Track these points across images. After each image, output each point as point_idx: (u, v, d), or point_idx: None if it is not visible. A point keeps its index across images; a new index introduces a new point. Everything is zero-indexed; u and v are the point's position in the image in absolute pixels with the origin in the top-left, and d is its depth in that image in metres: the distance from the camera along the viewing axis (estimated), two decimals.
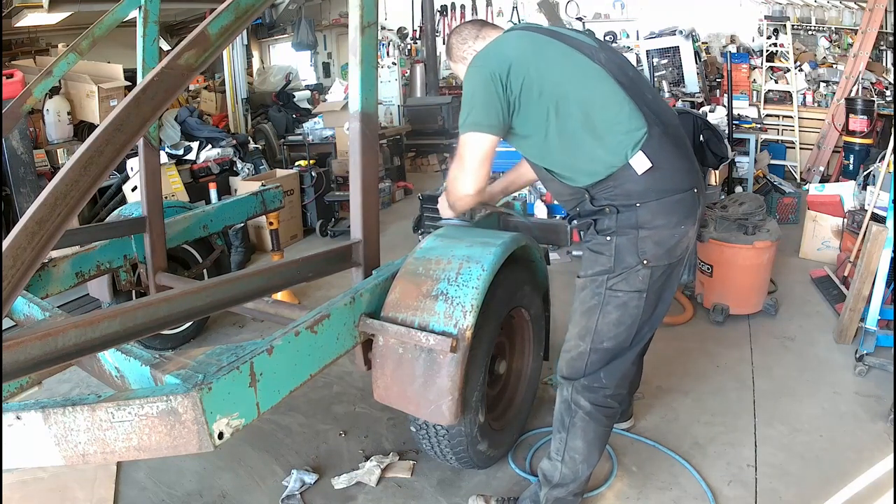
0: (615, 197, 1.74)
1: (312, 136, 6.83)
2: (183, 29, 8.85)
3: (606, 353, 1.83)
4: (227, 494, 2.29)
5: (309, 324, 1.74)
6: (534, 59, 1.75)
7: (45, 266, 2.59)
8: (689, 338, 3.34)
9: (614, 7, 7.77)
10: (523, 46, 1.79)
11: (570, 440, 1.90)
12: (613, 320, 1.80)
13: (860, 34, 6.23)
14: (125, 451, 1.42)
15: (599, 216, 1.78)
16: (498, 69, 1.73)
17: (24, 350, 1.28)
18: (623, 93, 1.74)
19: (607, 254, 1.77)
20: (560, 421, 1.93)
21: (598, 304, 1.79)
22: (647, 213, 1.72)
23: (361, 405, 2.81)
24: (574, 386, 1.88)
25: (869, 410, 2.60)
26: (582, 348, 1.84)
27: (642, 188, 1.72)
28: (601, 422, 1.89)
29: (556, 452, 1.94)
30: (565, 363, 1.90)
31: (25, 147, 4.43)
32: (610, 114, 1.73)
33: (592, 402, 1.87)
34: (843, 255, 3.91)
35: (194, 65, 1.41)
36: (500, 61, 1.74)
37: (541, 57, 1.76)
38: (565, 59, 1.77)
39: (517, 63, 1.73)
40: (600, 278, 1.79)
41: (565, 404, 1.91)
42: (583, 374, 1.86)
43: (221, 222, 3.36)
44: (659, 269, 1.77)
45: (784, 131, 6.88)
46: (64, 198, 1.20)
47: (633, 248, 1.74)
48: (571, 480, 1.94)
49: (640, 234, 1.73)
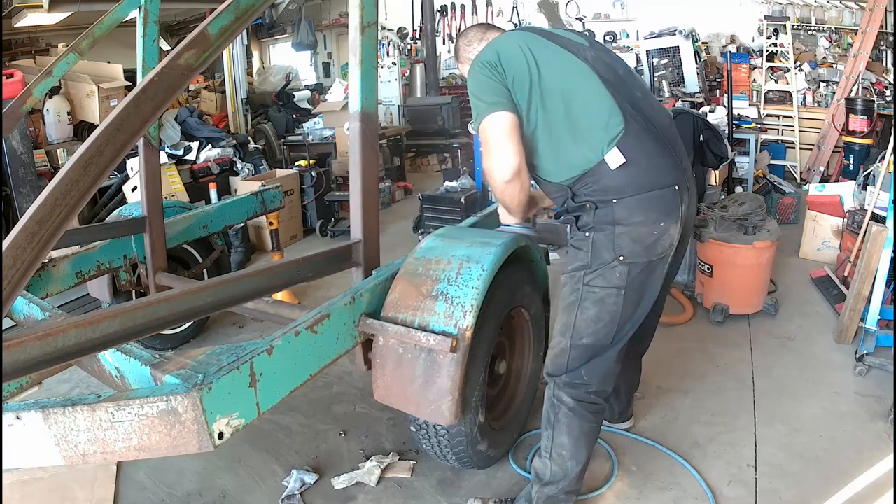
0: (594, 193, 1.77)
1: (312, 136, 6.83)
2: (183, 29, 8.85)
3: (587, 349, 1.84)
4: (227, 494, 2.29)
5: (309, 324, 1.74)
6: (522, 54, 1.82)
7: (45, 266, 2.59)
8: (689, 338, 3.34)
9: (614, 7, 7.76)
10: (513, 42, 1.88)
11: (556, 437, 1.91)
12: (591, 316, 1.82)
13: (860, 34, 6.23)
14: (125, 451, 1.42)
15: (580, 212, 1.81)
16: (491, 59, 1.83)
17: (24, 350, 1.28)
18: (605, 90, 1.78)
19: (585, 249, 1.80)
20: (546, 418, 1.95)
21: (577, 300, 1.82)
22: (623, 210, 1.74)
23: (361, 405, 2.81)
24: (556, 382, 1.90)
25: (869, 410, 2.60)
26: (563, 344, 1.87)
27: (618, 184, 1.74)
28: (586, 418, 1.90)
29: (545, 450, 1.95)
30: (549, 360, 1.94)
31: (25, 147, 4.43)
32: (590, 109, 1.78)
33: (575, 399, 1.88)
34: (843, 255, 3.91)
35: (194, 65, 1.41)
36: (492, 54, 1.85)
37: (529, 52, 1.83)
38: (552, 55, 1.84)
39: (506, 56, 1.82)
40: (578, 274, 1.82)
41: (550, 401, 1.93)
42: (565, 371, 1.87)
43: (221, 222, 3.36)
44: (637, 266, 1.78)
45: (784, 131, 6.88)
46: (64, 198, 1.20)
47: (609, 244, 1.76)
48: (561, 478, 1.94)
49: (616, 231, 1.75)
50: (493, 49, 1.86)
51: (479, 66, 1.84)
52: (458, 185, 5.24)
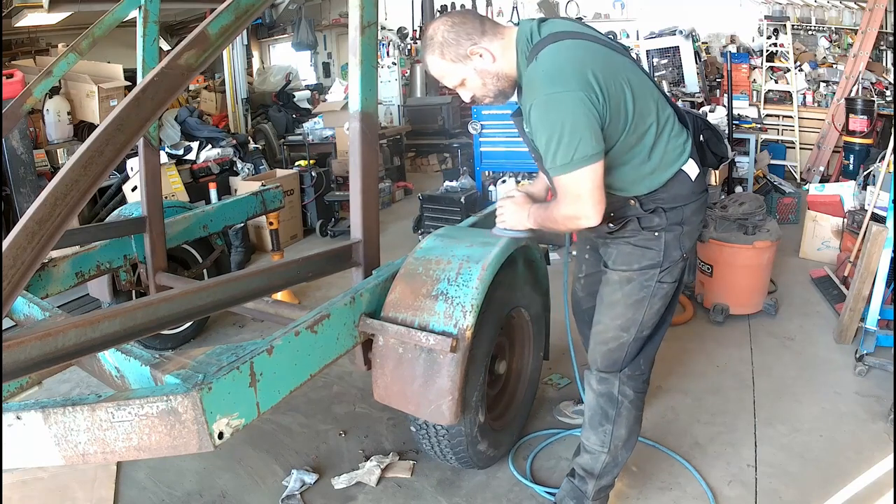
0: (665, 200, 1.78)
1: (312, 136, 6.83)
2: (183, 29, 8.84)
3: (643, 341, 1.91)
4: (227, 494, 2.29)
5: (309, 324, 1.74)
6: (615, 73, 1.61)
7: (45, 266, 2.59)
8: (689, 338, 3.34)
9: (614, 7, 7.76)
10: (593, 55, 1.61)
11: (616, 430, 1.94)
12: (657, 310, 1.87)
13: (860, 34, 6.23)
14: (125, 450, 1.42)
15: (644, 215, 1.79)
16: (587, 87, 1.54)
17: (24, 350, 1.28)
18: (664, 98, 1.78)
19: (656, 248, 1.80)
20: (602, 414, 1.95)
21: (647, 296, 1.83)
22: (689, 212, 1.81)
23: (361, 405, 2.81)
24: (619, 378, 1.93)
25: (869, 410, 2.60)
26: (624, 339, 1.88)
27: (688, 191, 1.79)
28: (640, 406, 1.98)
29: (602, 445, 1.96)
30: (602, 356, 1.93)
31: (25, 147, 4.43)
32: (666, 123, 1.74)
33: (635, 390, 1.94)
34: (843, 255, 3.91)
35: (194, 65, 1.41)
36: (585, 77, 1.54)
37: (611, 66, 1.62)
38: (629, 71, 1.67)
39: (605, 78, 1.57)
40: (651, 272, 1.82)
41: (606, 397, 1.94)
42: (621, 365, 1.92)
43: (221, 222, 3.36)
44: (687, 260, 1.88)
45: (784, 131, 6.88)
46: (64, 198, 1.20)
47: (677, 244, 1.81)
48: (614, 466, 1.99)
49: (683, 230, 1.81)
50: (586, 71, 1.55)
51: (579, 98, 1.52)
52: (458, 185, 5.24)
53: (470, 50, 1.68)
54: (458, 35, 1.68)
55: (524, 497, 2.21)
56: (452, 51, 1.69)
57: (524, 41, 1.68)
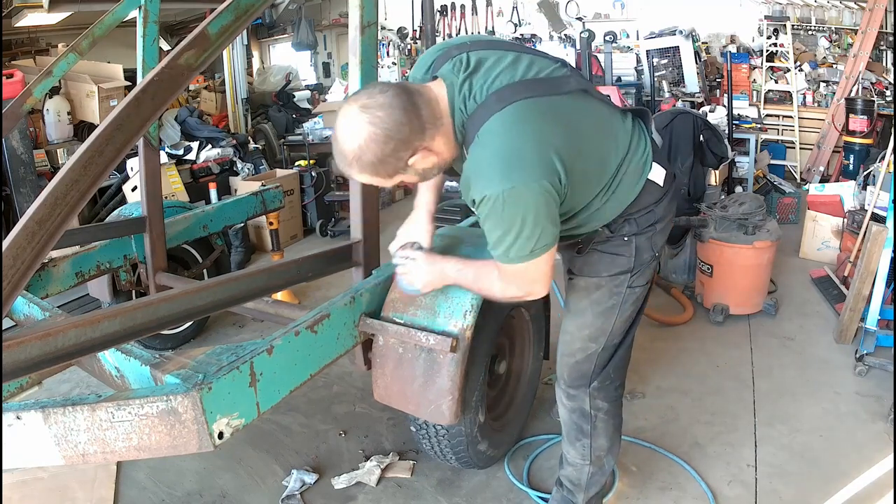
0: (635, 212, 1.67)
1: (312, 136, 6.82)
2: (183, 29, 8.83)
3: (612, 349, 1.81)
4: (227, 494, 2.29)
5: (309, 324, 1.74)
6: (573, 136, 1.46)
7: (45, 266, 2.59)
8: (689, 338, 3.34)
9: (614, 7, 7.75)
10: (552, 124, 1.42)
11: (594, 442, 1.90)
12: (627, 316, 1.77)
13: (860, 34, 6.22)
14: (125, 450, 1.42)
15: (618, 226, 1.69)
16: (551, 173, 1.37)
17: (24, 350, 1.28)
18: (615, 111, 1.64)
19: (626, 255, 1.70)
20: (577, 429, 1.90)
21: (617, 303, 1.73)
22: (661, 210, 1.70)
23: (361, 405, 2.81)
24: (589, 392, 1.84)
25: (869, 410, 2.60)
26: (592, 350, 1.79)
27: (659, 194, 1.69)
28: (617, 415, 1.92)
29: (582, 458, 1.93)
30: (568, 369, 1.84)
31: (25, 147, 4.42)
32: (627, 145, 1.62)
33: (607, 400, 1.87)
34: (843, 255, 3.91)
35: (194, 65, 1.41)
36: (548, 162, 1.37)
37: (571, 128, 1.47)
38: (577, 112, 1.52)
39: (567, 150, 1.40)
40: (621, 278, 1.72)
41: (578, 413, 1.88)
42: (590, 379, 1.83)
43: (221, 222, 3.36)
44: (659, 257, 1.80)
45: (784, 131, 6.87)
46: (64, 198, 1.20)
47: (649, 244, 1.71)
48: (601, 475, 1.98)
49: (656, 229, 1.71)
50: (541, 147, 1.36)
51: (539, 190, 1.35)
52: (457, 185, 5.23)
53: (411, 162, 1.40)
54: (395, 149, 1.34)
55: (524, 497, 2.21)
56: (390, 167, 1.38)
57: (458, 112, 1.44)
